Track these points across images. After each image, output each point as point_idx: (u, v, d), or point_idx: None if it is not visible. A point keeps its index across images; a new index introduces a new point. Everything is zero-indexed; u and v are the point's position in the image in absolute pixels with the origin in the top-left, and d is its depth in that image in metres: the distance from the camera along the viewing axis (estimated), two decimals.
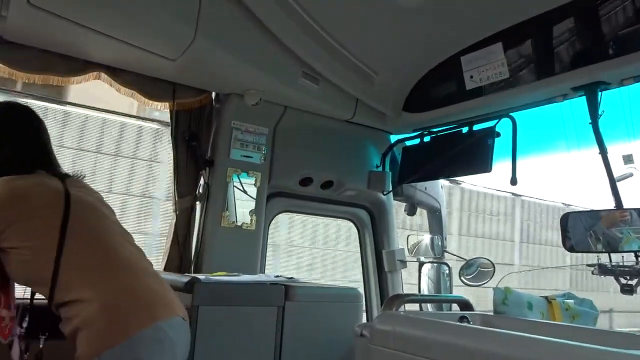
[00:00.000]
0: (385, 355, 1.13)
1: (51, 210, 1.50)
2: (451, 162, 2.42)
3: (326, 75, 2.34)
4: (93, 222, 1.59)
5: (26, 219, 1.48)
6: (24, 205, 1.50)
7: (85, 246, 1.51)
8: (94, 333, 1.39)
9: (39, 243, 1.46)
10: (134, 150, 5.30)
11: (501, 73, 2.15)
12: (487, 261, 2.59)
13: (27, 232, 1.47)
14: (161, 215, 5.17)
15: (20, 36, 1.93)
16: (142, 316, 1.42)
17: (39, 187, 1.55)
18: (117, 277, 1.49)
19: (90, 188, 1.75)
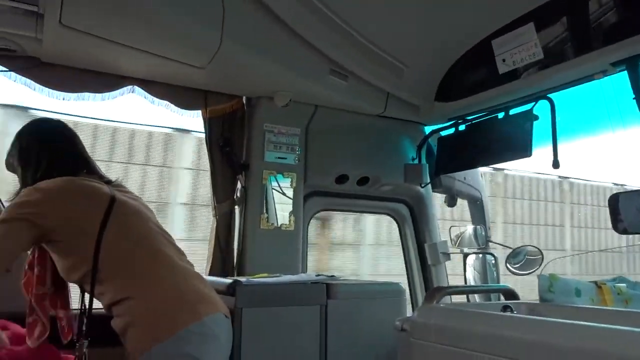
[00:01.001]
0: (426, 348, 1.11)
1: (96, 210, 1.59)
2: (489, 149, 2.36)
3: (354, 71, 2.33)
4: (135, 223, 1.68)
5: (77, 216, 1.58)
6: (77, 202, 1.60)
7: (128, 246, 1.61)
8: (143, 329, 1.49)
9: (84, 240, 1.55)
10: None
11: (535, 54, 2.07)
12: (535, 249, 2.51)
13: (76, 228, 1.57)
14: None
15: (56, 57, 2.01)
16: (187, 313, 1.51)
17: (89, 188, 1.66)
18: (162, 277, 1.59)
19: (132, 193, 1.85)
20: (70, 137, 1.82)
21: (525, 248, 2.51)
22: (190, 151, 5.54)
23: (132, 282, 1.57)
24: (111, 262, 1.57)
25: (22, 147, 1.75)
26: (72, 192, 1.62)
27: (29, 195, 1.57)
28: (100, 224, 1.57)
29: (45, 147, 1.74)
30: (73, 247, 1.59)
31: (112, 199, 1.65)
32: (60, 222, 1.55)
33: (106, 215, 1.60)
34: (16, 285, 1.75)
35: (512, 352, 0.99)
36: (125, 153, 5.24)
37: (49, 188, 1.59)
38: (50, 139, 1.77)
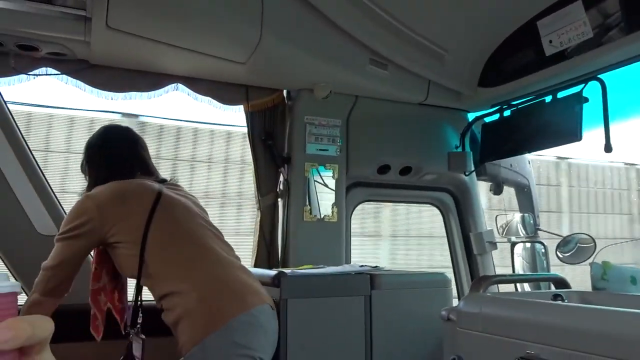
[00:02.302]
0: (473, 337, 1.10)
1: (143, 206, 1.69)
2: (536, 134, 2.28)
3: (394, 59, 2.30)
4: (182, 218, 1.75)
5: (128, 216, 1.67)
6: (127, 202, 1.69)
7: (175, 240, 1.69)
8: (195, 321, 1.55)
9: (135, 237, 1.65)
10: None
11: (584, 33, 1.98)
12: (587, 237, 2.41)
13: (129, 228, 1.66)
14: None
15: (104, 58, 2.08)
16: (236, 303, 1.57)
17: (139, 187, 1.75)
18: (211, 270, 1.65)
19: (184, 190, 1.94)
20: (132, 141, 1.92)
21: (577, 236, 2.42)
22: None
23: (180, 275, 1.62)
24: (158, 256, 1.64)
25: (88, 152, 1.89)
26: (120, 194, 1.71)
27: (80, 206, 1.67)
28: (147, 219, 1.65)
29: (105, 152, 1.86)
30: (124, 244, 1.67)
31: (158, 194, 1.72)
32: (110, 226, 1.65)
33: (152, 210, 1.67)
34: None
35: (564, 342, 0.96)
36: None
37: (99, 195, 1.69)
38: (110, 144, 1.89)
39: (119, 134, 1.94)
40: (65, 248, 1.66)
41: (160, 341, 1.67)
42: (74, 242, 1.65)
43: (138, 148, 1.93)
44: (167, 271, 1.64)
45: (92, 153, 1.89)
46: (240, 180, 5.55)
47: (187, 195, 1.91)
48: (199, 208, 1.89)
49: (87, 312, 1.87)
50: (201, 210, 1.88)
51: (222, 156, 5.53)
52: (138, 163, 1.89)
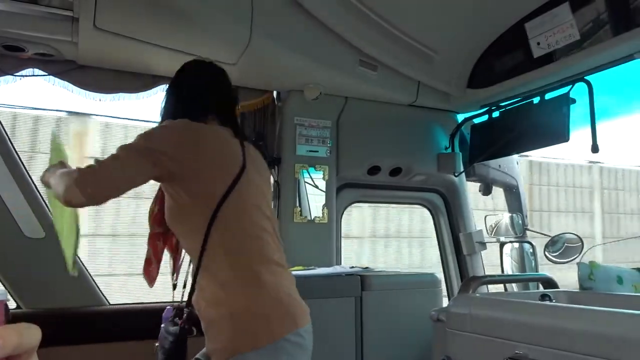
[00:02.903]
0: (462, 338, 1.10)
1: (224, 178, 1.47)
2: (524, 135, 2.30)
3: (384, 61, 2.31)
4: (251, 207, 1.51)
5: (199, 168, 1.45)
6: (201, 150, 1.46)
7: (239, 232, 1.46)
8: (236, 329, 1.37)
9: (202, 208, 1.44)
10: None
11: (571, 35, 2.01)
12: (574, 236, 2.44)
13: (197, 184, 1.45)
14: None
15: (92, 59, 2.07)
16: (286, 321, 1.41)
17: (217, 138, 1.53)
18: (266, 278, 1.43)
19: (262, 160, 1.69)
20: (210, 78, 1.69)
21: (565, 236, 2.44)
22: None
23: (235, 270, 1.42)
24: (219, 245, 1.42)
25: (172, 82, 1.69)
26: (206, 141, 1.48)
27: (158, 130, 1.48)
28: (222, 197, 1.43)
29: (179, 87, 1.65)
30: (190, 211, 1.46)
31: (242, 168, 1.50)
32: (183, 172, 1.43)
33: (230, 187, 1.45)
34: None
35: (552, 341, 0.97)
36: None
37: (179, 128, 1.48)
38: (187, 79, 1.67)
39: (196, 69, 1.70)
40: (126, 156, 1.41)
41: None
42: (140, 156, 1.41)
43: (215, 85, 1.68)
44: (222, 263, 1.42)
45: (177, 82, 1.68)
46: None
47: (263, 173, 1.67)
48: (268, 188, 1.67)
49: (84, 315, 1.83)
50: (268, 190, 1.66)
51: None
52: (212, 102, 1.64)
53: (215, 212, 1.42)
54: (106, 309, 2.21)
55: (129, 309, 2.34)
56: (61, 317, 1.99)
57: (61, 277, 2.13)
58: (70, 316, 1.93)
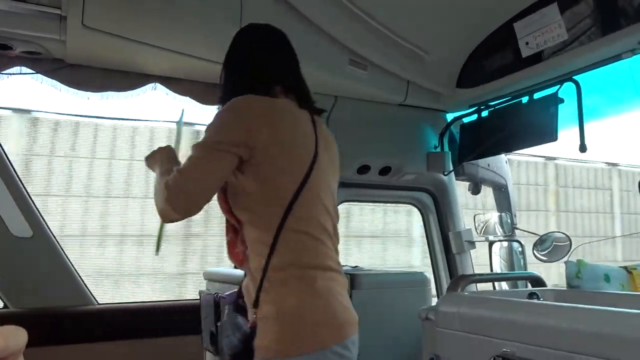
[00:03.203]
0: (452, 337, 1.11)
1: (293, 162, 1.39)
2: (513, 134, 2.32)
3: (374, 60, 2.31)
4: (318, 200, 1.43)
5: (271, 154, 1.36)
6: (272, 132, 1.37)
7: (303, 232, 1.38)
8: (286, 331, 1.31)
9: (271, 197, 1.36)
10: None
11: (559, 35, 2.02)
12: (563, 235, 2.46)
13: (268, 171, 1.36)
14: None
15: (80, 58, 2.05)
16: (334, 330, 1.33)
17: (287, 116, 1.43)
18: (319, 284, 1.36)
19: (331, 137, 1.60)
20: (276, 43, 1.58)
21: (553, 234, 2.46)
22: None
23: (292, 274, 1.35)
24: (284, 244, 1.34)
25: (229, 54, 1.58)
26: (275, 121, 1.38)
27: (225, 117, 1.38)
28: (294, 193, 1.35)
29: (254, 52, 1.54)
30: (258, 199, 1.37)
31: (314, 155, 1.41)
32: (256, 158, 1.34)
33: (303, 181, 1.36)
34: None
35: (539, 340, 0.98)
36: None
37: (244, 108, 1.37)
38: (250, 46, 1.55)
39: (260, 33, 1.59)
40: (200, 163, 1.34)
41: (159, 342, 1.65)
42: (214, 156, 1.34)
43: (281, 51, 1.57)
44: (284, 258, 1.35)
45: (236, 48, 1.57)
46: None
47: (331, 153, 1.56)
48: (335, 175, 1.57)
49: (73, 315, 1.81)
50: (333, 184, 1.55)
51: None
52: (278, 70, 1.53)
53: (288, 210, 1.34)
54: (95, 309, 2.20)
55: (117, 308, 2.33)
56: (49, 317, 1.97)
57: (49, 276, 2.12)
58: (58, 316, 1.91)
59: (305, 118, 1.47)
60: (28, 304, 2.03)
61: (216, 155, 1.33)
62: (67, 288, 2.15)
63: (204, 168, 1.33)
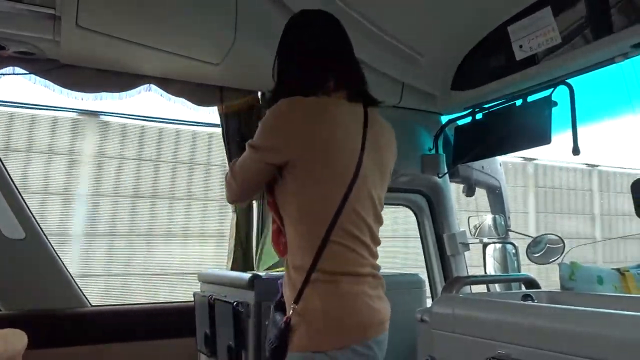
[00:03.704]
0: (446, 338, 1.11)
1: (335, 174, 1.38)
2: (507, 137, 2.33)
3: (369, 61, 2.30)
4: (363, 203, 1.42)
5: (312, 167, 1.36)
6: (311, 142, 1.36)
7: (338, 243, 1.38)
8: (312, 328, 1.34)
9: (310, 206, 1.37)
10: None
11: (553, 39, 2.03)
12: (556, 237, 2.47)
13: (309, 181, 1.37)
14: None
15: (74, 58, 2.04)
16: (354, 331, 1.35)
17: (333, 120, 1.40)
18: (344, 285, 1.37)
19: (385, 131, 1.60)
20: (319, 31, 1.54)
21: (546, 236, 2.47)
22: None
23: (321, 277, 1.37)
24: (320, 250, 1.35)
25: (281, 45, 1.57)
26: (318, 128, 1.36)
27: (267, 122, 1.39)
28: (337, 209, 1.35)
29: (307, 44, 1.51)
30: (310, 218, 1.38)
31: (358, 165, 1.39)
32: (295, 167, 1.35)
33: (345, 195, 1.36)
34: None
35: (533, 341, 0.99)
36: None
37: (286, 113, 1.37)
38: (317, 34, 1.53)
39: (306, 20, 1.57)
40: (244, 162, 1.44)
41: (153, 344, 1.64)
42: (255, 159, 1.41)
43: (328, 39, 1.53)
44: (323, 263, 1.36)
45: (284, 43, 1.56)
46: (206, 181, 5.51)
47: (384, 150, 1.54)
48: (384, 178, 1.56)
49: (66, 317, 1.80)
50: (380, 188, 1.53)
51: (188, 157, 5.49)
52: (327, 63, 1.49)
53: (325, 221, 1.35)
54: (89, 311, 2.19)
55: (111, 310, 2.32)
56: (42, 319, 1.96)
57: (42, 278, 2.10)
58: (51, 318, 1.90)
59: (353, 117, 1.45)
60: (20, 305, 2.01)
61: (255, 158, 1.41)
62: (60, 290, 2.13)
63: (245, 168, 1.45)
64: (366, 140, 1.43)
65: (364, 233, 1.42)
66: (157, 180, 5.06)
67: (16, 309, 2.01)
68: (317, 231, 1.35)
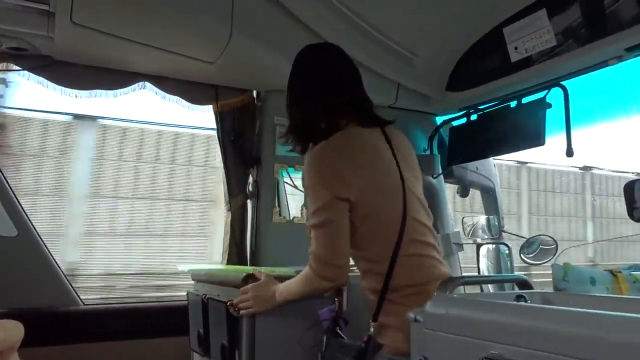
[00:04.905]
0: (441, 339, 1.11)
1: (387, 199, 1.44)
2: (501, 138, 2.34)
3: (364, 62, 2.31)
4: (415, 217, 1.48)
5: (368, 199, 1.41)
6: (365, 177, 1.42)
7: (413, 250, 1.44)
8: (396, 334, 1.40)
9: (376, 233, 1.43)
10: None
11: (547, 41, 2.04)
12: (549, 238, 2.48)
13: (370, 210, 1.41)
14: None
15: (68, 55, 2.03)
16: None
17: (369, 151, 1.46)
18: (433, 291, 1.37)
19: (406, 146, 1.64)
20: (338, 67, 1.58)
21: (539, 237, 2.49)
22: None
23: (408, 292, 1.42)
24: (398, 268, 1.41)
25: (291, 75, 1.60)
26: (366, 158, 1.43)
27: (321, 175, 1.42)
28: (397, 223, 1.41)
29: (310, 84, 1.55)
30: (366, 237, 1.44)
31: (402, 180, 1.46)
32: (356, 205, 1.40)
33: (403, 210, 1.42)
34: None
35: (526, 341, 0.99)
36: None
37: (337, 156, 1.41)
38: (317, 69, 1.56)
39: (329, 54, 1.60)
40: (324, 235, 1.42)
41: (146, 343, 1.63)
42: (333, 225, 1.42)
43: (345, 73, 1.57)
44: (405, 279, 1.42)
45: (293, 84, 1.59)
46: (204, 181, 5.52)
47: (412, 163, 1.60)
48: (421, 190, 1.60)
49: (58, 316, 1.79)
50: (421, 197, 1.58)
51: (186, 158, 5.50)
52: (347, 98, 1.53)
53: (393, 241, 1.41)
54: (81, 309, 2.18)
55: (104, 309, 2.31)
56: (34, 317, 1.94)
57: (34, 276, 2.09)
58: (44, 316, 1.88)
59: (378, 139, 1.50)
60: (12, 303, 2.00)
61: (331, 219, 1.39)
62: (52, 288, 2.12)
63: (327, 236, 1.40)
64: (397, 153, 1.50)
65: (427, 236, 1.49)
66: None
67: (7, 306, 1.99)
68: (385, 252, 1.40)
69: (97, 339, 2.09)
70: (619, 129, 9.10)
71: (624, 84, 3.09)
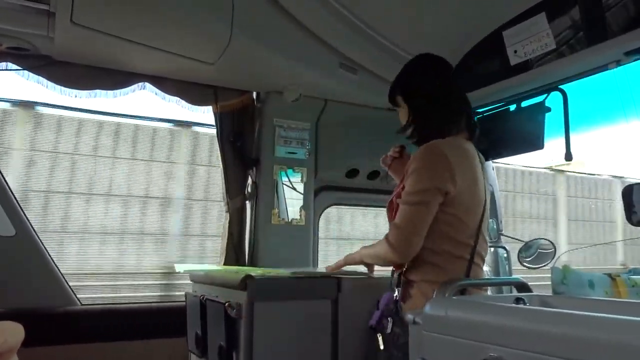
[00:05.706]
0: (438, 341, 1.11)
1: (476, 202, 1.60)
2: (500, 142, 2.34)
3: (364, 64, 2.32)
4: (483, 229, 1.65)
5: (460, 198, 1.55)
6: (463, 178, 1.56)
7: (476, 259, 1.63)
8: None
9: (455, 234, 1.56)
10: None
11: (547, 44, 2.05)
12: (547, 242, 2.49)
13: (459, 210, 1.55)
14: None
15: (68, 55, 2.03)
16: None
17: (473, 161, 1.63)
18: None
19: (482, 163, 1.75)
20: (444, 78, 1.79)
21: (537, 241, 2.49)
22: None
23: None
24: (455, 267, 1.59)
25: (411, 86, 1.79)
26: (468, 164, 1.59)
27: (429, 164, 1.56)
28: (473, 232, 1.58)
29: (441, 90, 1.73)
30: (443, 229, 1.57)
31: (485, 192, 1.65)
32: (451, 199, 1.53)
33: (480, 220, 1.60)
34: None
35: (525, 344, 0.99)
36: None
37: (441, 155, 1.55)
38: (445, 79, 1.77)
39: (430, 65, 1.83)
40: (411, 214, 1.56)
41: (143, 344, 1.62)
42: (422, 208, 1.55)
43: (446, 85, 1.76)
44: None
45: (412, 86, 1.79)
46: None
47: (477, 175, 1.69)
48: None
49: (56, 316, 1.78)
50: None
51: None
52: (452, 109, 1.72)
53: (467, 245, 1.57)
54: (79, 309, 2.17)
55: (102, 309, 2.30)
56: (32, 317, 1.94)
57: (32, 276, 2.08)
58: (41, 316, 1.88)
59: (475, 153, 1.67)
60: (10, 303, 1.99)
61: (425, 202, 1.52)
62: (50, 288, 2.11)
63: (415, 215, 1.53)
64: (483, 171, 1.67)
65: (485, 251, 1.67)
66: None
67: (5, 306, 1.98)
68: (458, 254, 1.57)
69: (95, 340, 2.09)
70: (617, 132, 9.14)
71: (623, 88, 3.10)
